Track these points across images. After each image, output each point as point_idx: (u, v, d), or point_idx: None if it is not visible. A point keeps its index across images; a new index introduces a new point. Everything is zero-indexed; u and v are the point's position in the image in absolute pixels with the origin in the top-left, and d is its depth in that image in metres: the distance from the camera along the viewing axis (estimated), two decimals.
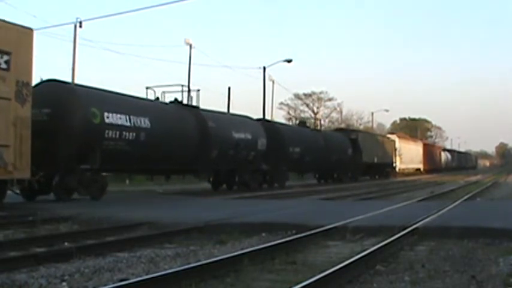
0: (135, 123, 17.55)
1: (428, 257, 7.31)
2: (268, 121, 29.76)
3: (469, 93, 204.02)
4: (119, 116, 16.95)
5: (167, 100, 21.62)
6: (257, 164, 25.41)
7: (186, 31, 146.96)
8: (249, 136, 24.42)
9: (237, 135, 23.51)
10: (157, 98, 20.89)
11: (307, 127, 37.55)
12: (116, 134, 16.73)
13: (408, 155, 61.67)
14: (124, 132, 17.04)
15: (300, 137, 31.17)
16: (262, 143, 25.43)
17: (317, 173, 38.26)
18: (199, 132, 21.08)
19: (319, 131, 38.22)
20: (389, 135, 60.92)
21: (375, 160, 44.72)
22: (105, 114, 16.46)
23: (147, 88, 21.03)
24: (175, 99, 21.68)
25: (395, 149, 54.19)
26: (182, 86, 22.55)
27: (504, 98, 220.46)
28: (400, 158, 57.24)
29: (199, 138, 20.97)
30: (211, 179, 25.12)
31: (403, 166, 59.09)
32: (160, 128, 18.69)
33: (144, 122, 17.94)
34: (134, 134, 17.41)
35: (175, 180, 27.79)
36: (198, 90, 22.77)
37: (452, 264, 6.83)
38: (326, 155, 33.66)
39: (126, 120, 17.22)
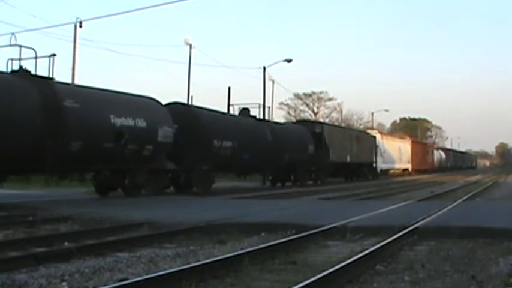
0: None
1: (428, 257, 7.31)
2: (183, 104, 22.87)
3: (469, 93, 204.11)
4: None
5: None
6: (157, 161, 19.19)
7: (186, 31, 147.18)
8: (142, 123, 17.93)
9: (120, 121, 17.07)
10: None
11: (252, 116, 27.70)
12: None
13: (393, 154, 54.88)
14: None
15: (233, 129, 23.91)
16: (166, 133, 19.06)
17: (267, 175, 30.72)
18: (47, 115, 14.78)
19: (267, 121, 29.49)
20: (369, 131, 51.62)
21: (348, 159, 38.07)
22: None
23: None
24: (20, 67, 15.46)
25: (377, 147, 47.47)
26: (20, 46, 15.69)
27: (504, 97, 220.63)
28: (383, 157, 50.33)
29: (45, 123, 14.68)
30: (94, 182, 18.90)
31: (385, 166, 51.96)
32: None
33: None
34: None
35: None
36: (53, 55, 16.04)
37: (452, 264, 6.83)
38: (275, 153, 26.59)
39: None
